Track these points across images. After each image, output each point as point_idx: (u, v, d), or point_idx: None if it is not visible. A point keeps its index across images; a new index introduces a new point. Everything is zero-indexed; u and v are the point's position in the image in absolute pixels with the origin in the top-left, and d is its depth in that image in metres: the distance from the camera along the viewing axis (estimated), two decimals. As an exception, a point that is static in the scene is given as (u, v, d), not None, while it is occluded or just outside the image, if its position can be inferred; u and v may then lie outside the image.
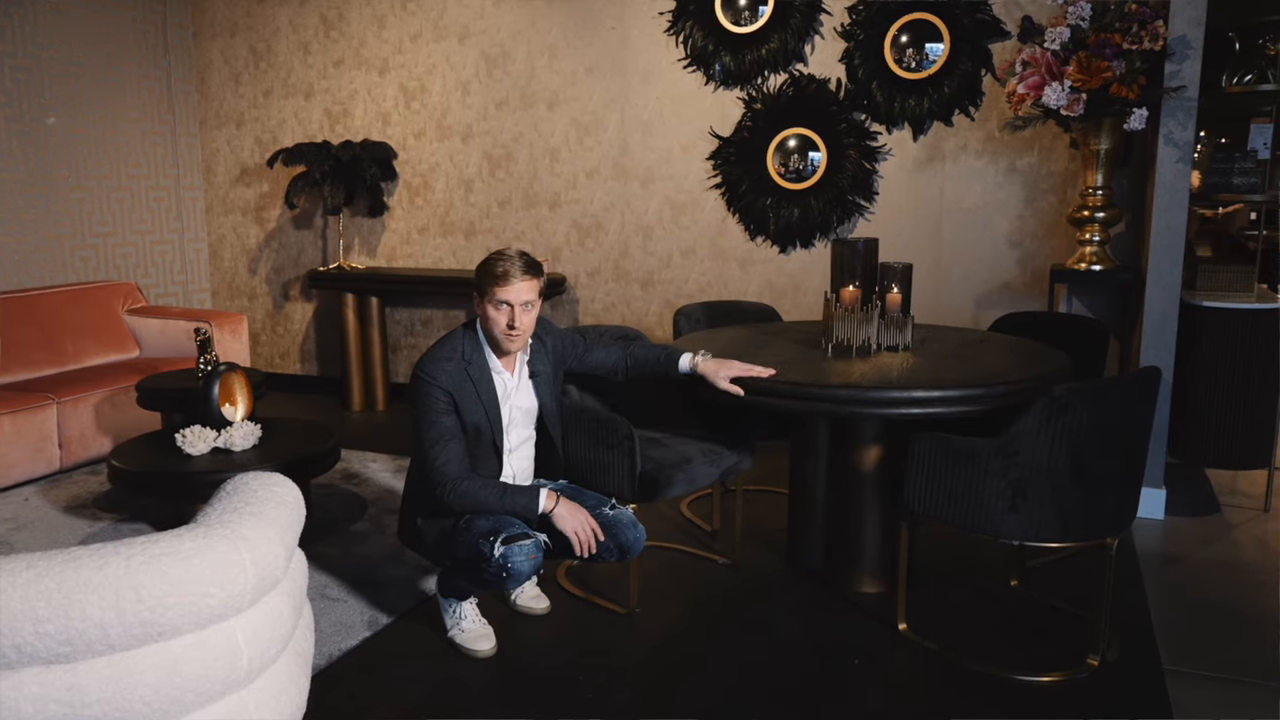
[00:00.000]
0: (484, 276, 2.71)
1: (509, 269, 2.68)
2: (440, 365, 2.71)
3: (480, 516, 2.68)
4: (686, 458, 3.08)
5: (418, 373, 2.72)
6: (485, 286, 2.70)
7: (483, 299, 2.72)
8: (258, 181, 6.18)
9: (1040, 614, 3.08)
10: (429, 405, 2.68)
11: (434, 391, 2.68)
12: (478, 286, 2.73)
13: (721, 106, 4.98)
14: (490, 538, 2.59)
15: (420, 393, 2.70)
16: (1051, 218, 4.47)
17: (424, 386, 2.69)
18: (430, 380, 2.69)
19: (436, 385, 2.69)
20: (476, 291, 2.74)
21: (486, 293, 2.70)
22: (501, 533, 2.59)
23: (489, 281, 2.69)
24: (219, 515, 1.74)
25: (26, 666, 1.52)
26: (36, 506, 4.10)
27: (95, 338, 5.23)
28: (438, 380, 2.69)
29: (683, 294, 5.20)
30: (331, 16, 5.80)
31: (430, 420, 2.68)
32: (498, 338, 2.74)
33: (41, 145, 5.35)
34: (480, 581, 2.68)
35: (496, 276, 2.68)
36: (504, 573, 2.56)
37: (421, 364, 2.73)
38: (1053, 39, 3.74)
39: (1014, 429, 2.55)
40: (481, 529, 2.64)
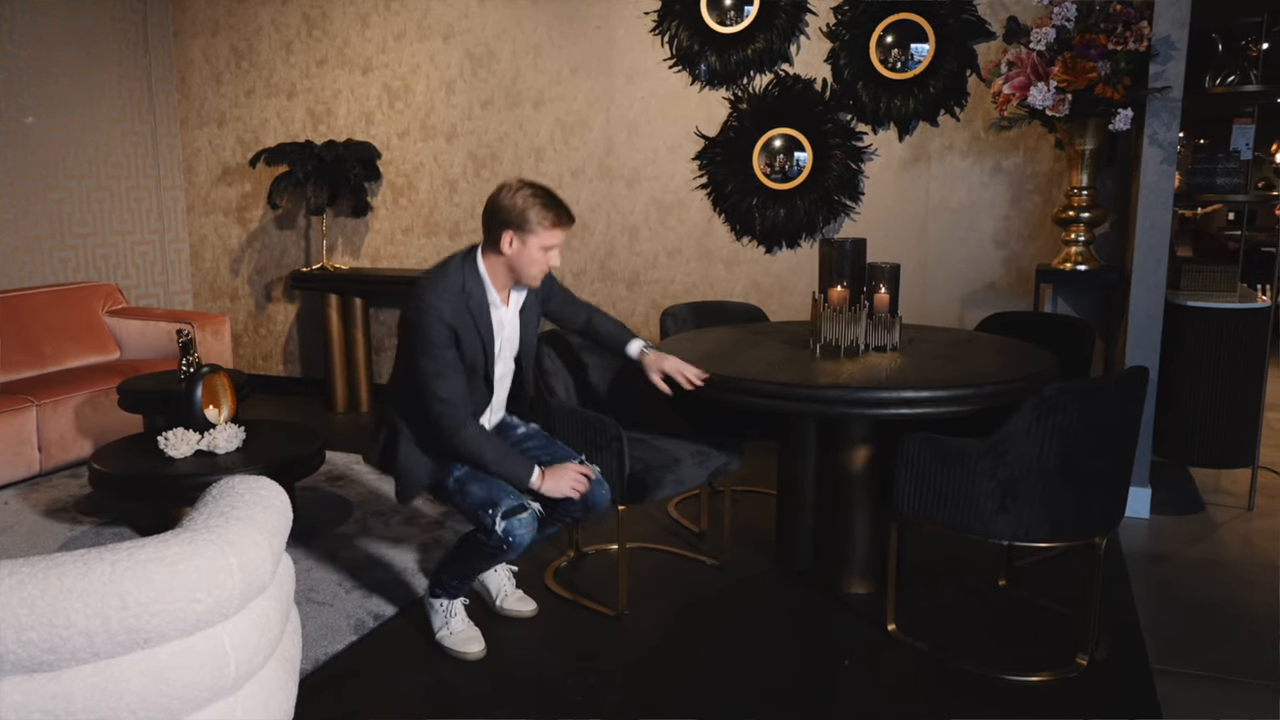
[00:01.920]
0: (536, 213, 2.61)
1: (566, 215, 2.66)
2: (443, 298, 2.62)
3: (474, 483, 2.66)
4: (675, 458, 3.07)
5: (420, 304, 2.61)
6: (534, 225, 2.61)
7: (527, 236, 2.62)
8: (240, 181, 6.13)
9: (1029, 613, 3.09)
10: (432, 338, 2.60)
11: (437, 324, 2.60)
12: (518, 222, 2.61)
13: (707, 106, 4.97)
14: (489, 510, 2.60)
15: (422, 325, 2.60)
16: (1037, 218, 4.49)
17: (426, 319, 2.60)
18: (435, 313, 2.60)
19: (440, 319, 2.60)
20: (513, 228, 2.62)
21: (534, 231, 2.62)
22: (500, 504, 2.61)
23: (543, 221, 2.62)
24: (205, 520, 1.71)
25: (9, 675, 1.49)
26: (16, 510, 4.04)
27: (75, 339, 5.17)
28: (442, 314, 2.61)
29: (669, 294, 5.19)
30: (314, 15, 5.75)
31: (434, 354, 2.60)
32: (531, 276, 2.69)
33: (20, 145, 5.29)
34: (480, 555, 2.70)
35: (555, 218, 2.63)
36: (505, 545, 2.61)
37: (424, 296, 2.61)
38: (1038, 39, 3.75)
39: (1004, 429, 2.55)
40: (477, 498, 2.64)
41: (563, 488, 2.68)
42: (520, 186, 2.65)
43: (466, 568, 2.81)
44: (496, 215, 2.65)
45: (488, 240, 2.70)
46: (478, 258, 2.72)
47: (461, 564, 2.80)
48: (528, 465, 2.68)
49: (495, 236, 2.66)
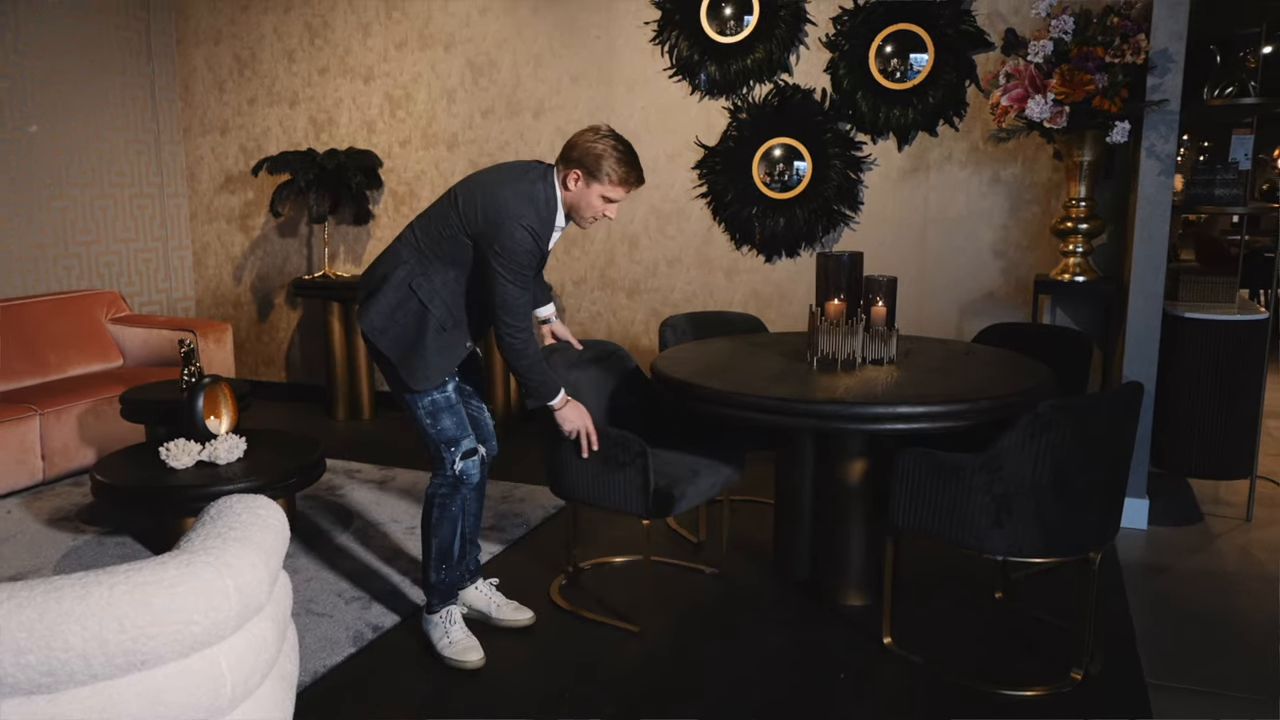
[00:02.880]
0: (609, 164, 2.65)
1: (638, 175, 2.71)
2: (537, 218, 2.66)
3: (447, 415, 2.81)
4: (694, 470, 3.08)
5: (520, 224, 2.61)
6: (604, 177, 2.66)
7: (593, 182, 2.67)
8: (242, 189, 6.15)
9: (1024, 626, 3.10)
10: (525, 259, 2.65)
11: (529, 244, 2.65)
12: (590, 168, 2.65)
13: (707, 116, 4.99)
14: (451, 448, 2.82)
15: (520, 247, 2.63)
16: (1035, 228, 4.50)
17: (526, 244, 2.63)
18: (533, 233, 2.64)
19: (534, 238, 2.65)
20: (584, 170, 2.66)
21: (603, 182, 2.66)
22: (461, 444, 2.82)
23: (613, 174, 2.66)
24: (202, 541, 1.73)
25: (8, 698, 1.51)
26: (19, 519, 4.07)
27: (78, 347, 5.20)
28: (537, 234, 2.66)
29: (669, 303, 5.21)
30: (316, 24, 5.78)
31: (523, 272, 2.66)
32: (583, 218, 2.76)
33: (24, 154, 5.32)
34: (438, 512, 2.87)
35: (624, 175, 2.68)
36: (459, 483, 2.86)
37: (524, 218, 2.62)
38: (1035, 52, 3.76)
39: (998, 445, 2.56)
40: (447, 433, 2.82)
41: (575, 424, 2.86)
42: (606, 134, 2.69)
43: (438, 544, 2.88)
44: (573, 152, 2.69)
45: (560, 163, 2.72)
46: (555, 181, 2.73)
47: (434, 547, 2.88)
48: (557, 387, 2.83)
49: (567, 171, 2.70)
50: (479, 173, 2.81)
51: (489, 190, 2.69)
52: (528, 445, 5.07)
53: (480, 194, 2.69)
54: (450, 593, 2.94)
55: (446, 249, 2.74)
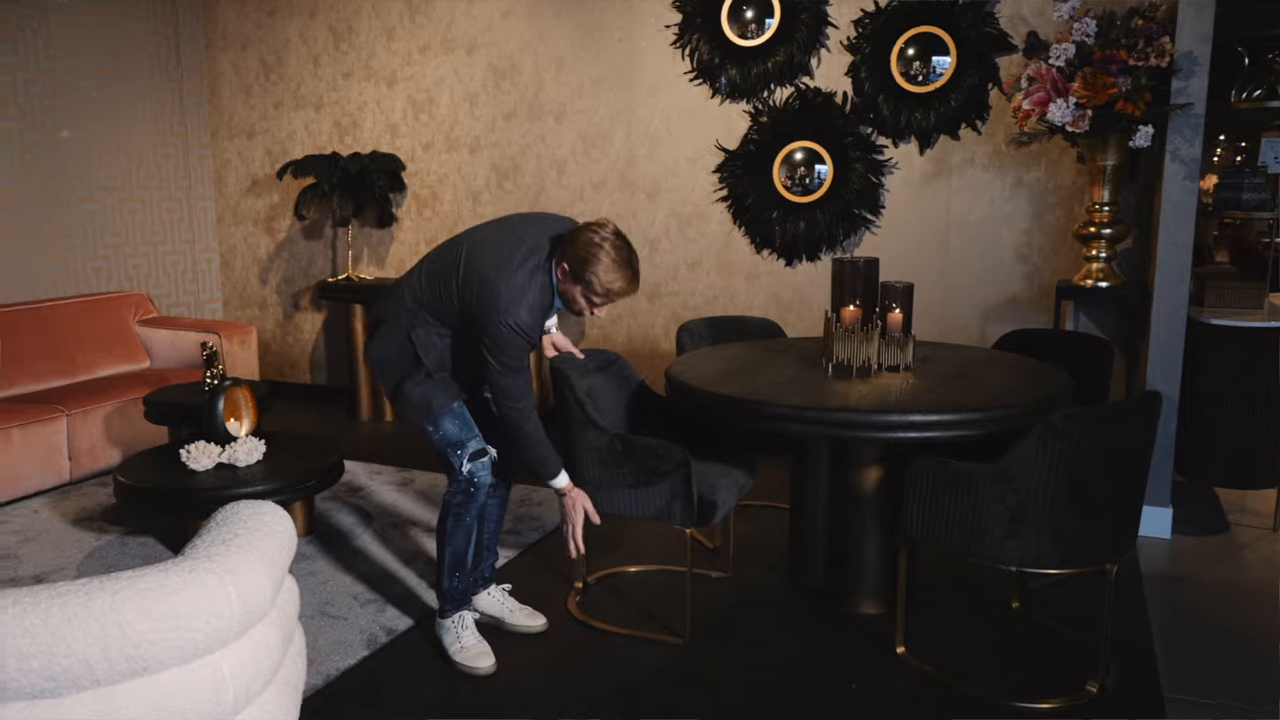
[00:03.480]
0: (593, 276, 2.61)
1: (627, 283, 2.66)
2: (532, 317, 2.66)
3: (449, 420, 2.83)
4: (727, 475, 3.07)
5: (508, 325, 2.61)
6: (593, 284, 2.62)
7: (577, 284, 2.65)
8: (268, 192, 6.22)
9: (1041, 637, 3.06)
10: (511, 350, 2.65)
11: (517, 340, 2.65)
12: (577, 270, 2.61)
13: (728, 119, 4.98)
14: (458, 450, 2.84)
15: (509, 345, 2.64)
16: (1058, 232, 4.44)
17: (515, 341, 2.64)
18: (523, 332, 2.64)
19: (527, 336, 2.66)
20: (571, 270, 2.63)
21: (588, 287, 2.63)
22: (468, 446, 2.84)
23: (602, 284, 2.62)
24: (206, 548, 1.75)
25: (12, 702, 1.53)
26: (45, 519, 4.14)
27: (106, 349, 5.28)
28: (531, 339, 2.69)
29: (689, 306, 5.20)
30: (341, 29, 5.83)
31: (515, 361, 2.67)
32: (570, 309, 2.75)
33: (54, 157, 5.41)
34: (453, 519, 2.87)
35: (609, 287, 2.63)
36: (470, 486, 2.86)
37: (512, 317, 2.62)
38: (1057, 55, 3.71)
39: (1010, 455, 2.53)
40: (451, 436, 2.84)
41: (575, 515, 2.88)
42: (608, 238, 2.63)
43: (452, 552, 2.90)
44: (570, 245, 2.65)
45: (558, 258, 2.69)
46: (553, 271, 2.71)
47: (447, 554, 2.90)
48: (558, 467, 2.84)
49: (559, 262, 2.68)
50: (488, 237, 2.78)
51: (486, 279, 2.66)
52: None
53: (477, 280, 2.68)
54: (463, 598, 2.95)
55: (444, 311, 2.80)
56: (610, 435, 2.93)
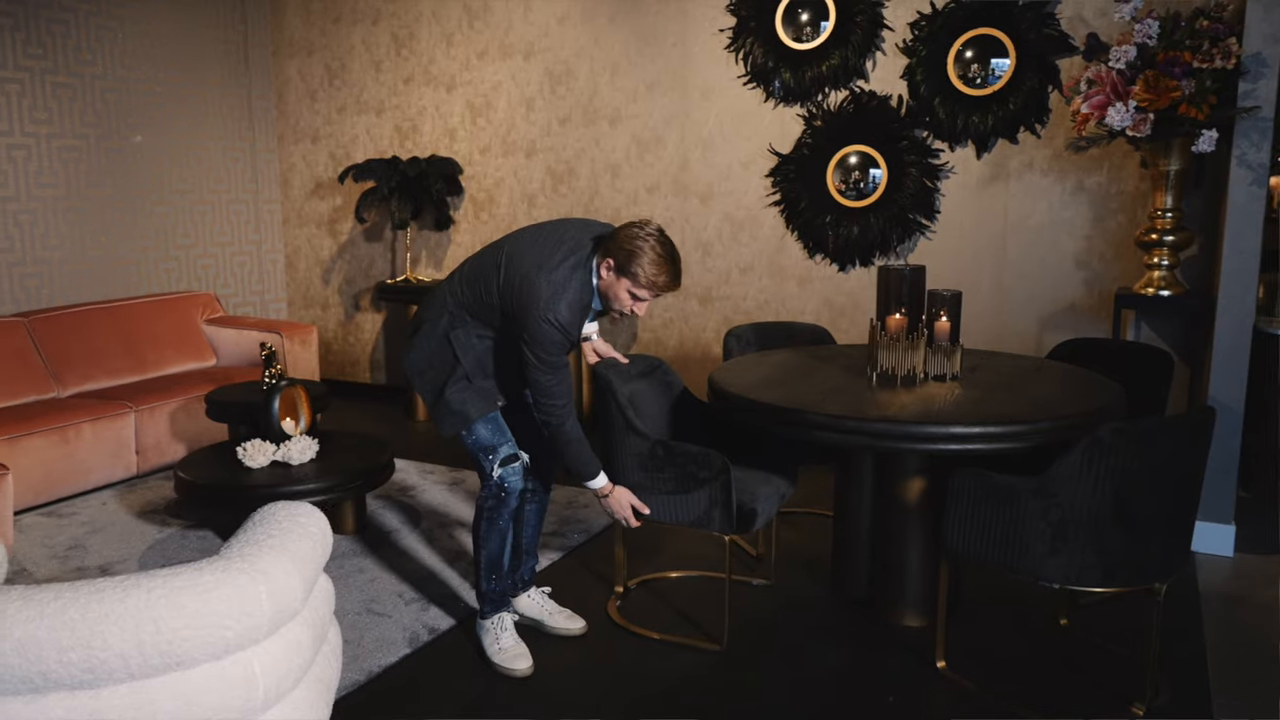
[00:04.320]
0: (637, 269, 2.61)
1: (670, 280, 2.66)
2: (571, 314, 2.68)
3: (483, 425, 2.86)
4: (767, 482, 3.07)
5: (548, 320, 2.64)
6: (638, 276, 2.62)
7: (622, 278, 2.65)
8: (331, 195, 6.37)
9: (1089, 655, 2.98)
10: (549, 345, 2.67)
11: (556, 337, 2.67)
12: (621, 267, 2.63)
13: (781, 123, 4.95)
14: (490, 455, 2.88)
15: (548, 340, 2.66)
16: (1120, 238, 4.32)
17: (554, 337, 2.66)
18: (559, 327, 2.65)
19: (560, 331, 2.66)
20: (616, 262, 2.64)
21: (634, 280, 2.63)
22: (499, 451, 2.88)
23: (643, 277, 2.62)
24: (240, 548, 1.81)
25: (53, 691, 1.61)
26: (113, 510, 4.30)
27: (175, 347, 5.46)
28: (570, 336, 2.70)
29: (740, 310, 5.18)
30: (402, 35, 5.94)
31: (553, 358, 2.69)
32: (611, 308, 2.76)
33: (129, 162, 5.61)
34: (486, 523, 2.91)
35: (653, 281, 2.63)
36: (501, 490, 2.89)
37: (552, 313, 2.64)
38: (1117, 57, 3.62)
39: (1054, 469, 2.48)
40: (483, 441, 2.88)
41: (622, 511, 2.91)
42: (652, 232, 2.65)
43: (487, 555, 2.94)
44: (613, 241, 2.67)
45: (601, 256, 2.71)
46: (594, 269, 2.73)
47: (483, 557, 2.94)
48: (597, 469, 2.87)
49: (601, 259, 2.70)
50: (528, 239, 2.80)
51: (527, 276, 2.69)
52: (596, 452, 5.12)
53: (518, 277, 2.70)
54: (502, 600, 2.99)
55: (484, 312, 2.82)
56: (651, 441, 2.94)
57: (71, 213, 5.34)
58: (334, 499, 3.69)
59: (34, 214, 5.16)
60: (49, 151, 5.21)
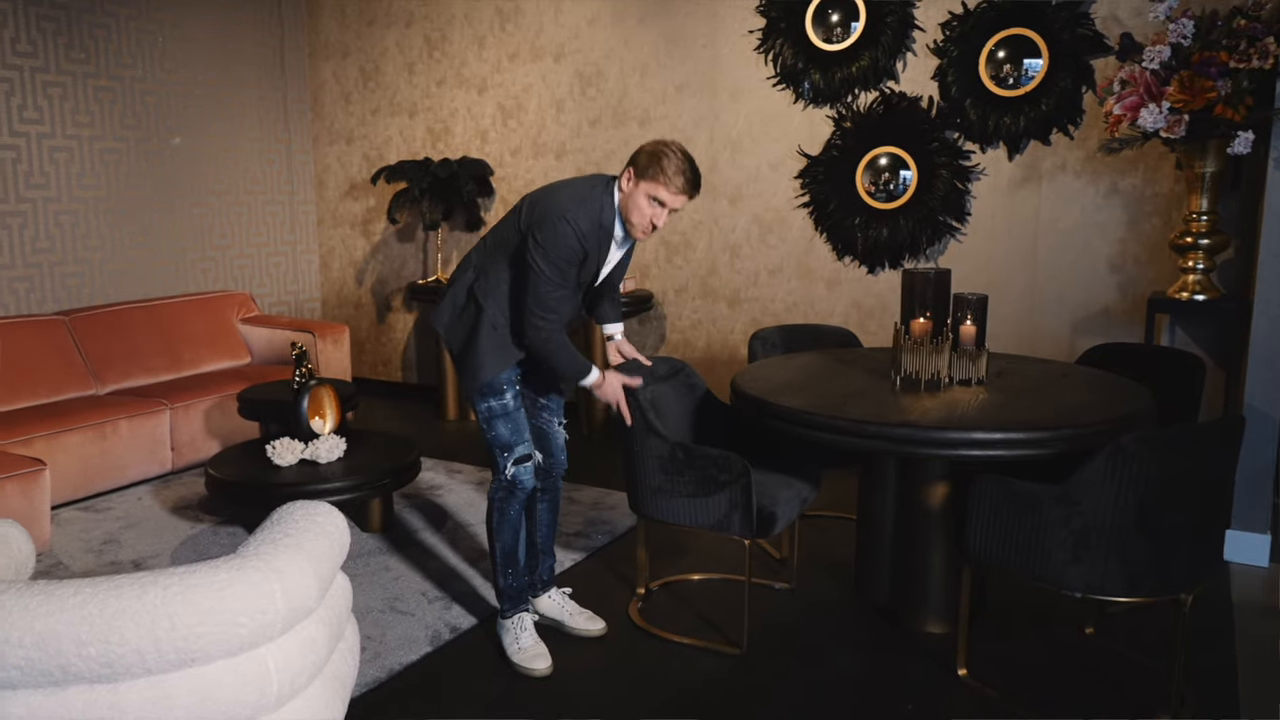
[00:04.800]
0: (658, 169, 2.65)
1: (688, 183, 2.68)
2: (587, 218, 2.70)
3: (501, 422, 2.89)
4: (789, 486, 3.07)
5: (562, 216, 2.66)
6: (653, 179, 2.66)
7: (640, 182, 2.68)
8: (365, 196, 6.44)
9: (1115, 665, 2.94)
10: (565, 255, 2.69)
11: (576, 242, 2.69)
12: (643, 169, 2.67)
13: (811, 124, 4.93)
14: (505, 453, 2.91)
15: (560, 235, 2.67)
16: (1156, 242, 4.25)
17: (565, 232, 2.67)
18: (576, 231, 2.68)
19: (579, 238, 2.69)
20: (635, 171, 2.69)
21: (650, 184, 2.66)
22: (515, 450, 2.90)
23: (661, 178, 2.65)
24: (256, 547, 1.84)
25: (72, 685, 1.64)
26: (147, 506, 4.38)
27: (210, 345, 5.55)
28: (585, 239, 2.71)
29: (769, 313, 5.16)
30: (435, 38, 5.99)
31: (560, 267, 2.70)
32: (632, 225, 2.76)
33: (167, 164, 5.71)
34: (499, 518, 2.95)
35: (671, 179, 2.65)
36: (513, 487, 2.93)
37: (570, 214, 2.67)
38: (1151, 58, 3.56)
39: (1077, 477, 2.45)
40: (501, 438, 2.90)
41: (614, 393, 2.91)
42: (670, 145, 2.70)
43: (502, 548, 2.97)
44: (639, 152, 2.73)
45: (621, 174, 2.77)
46: (615, 189, 2.77)
47: (498, 551, 2.97)
48: (588, 367, 2.86)
49: (624, 173, 2.75)
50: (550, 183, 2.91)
51: (549, 191, 2.81)
52: (622, 452, 5.14)
53: (542, 195, 2.81)
54: (520, 598, 3.01)
55: (505, 249, 2.84)
56: (671, 444, 2.94)
57: (111, 213, 5.45)
58: (360, 497, 3.73)
59: (75, 215, 5.28)
60: (90, 153, 5.33)
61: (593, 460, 4.88)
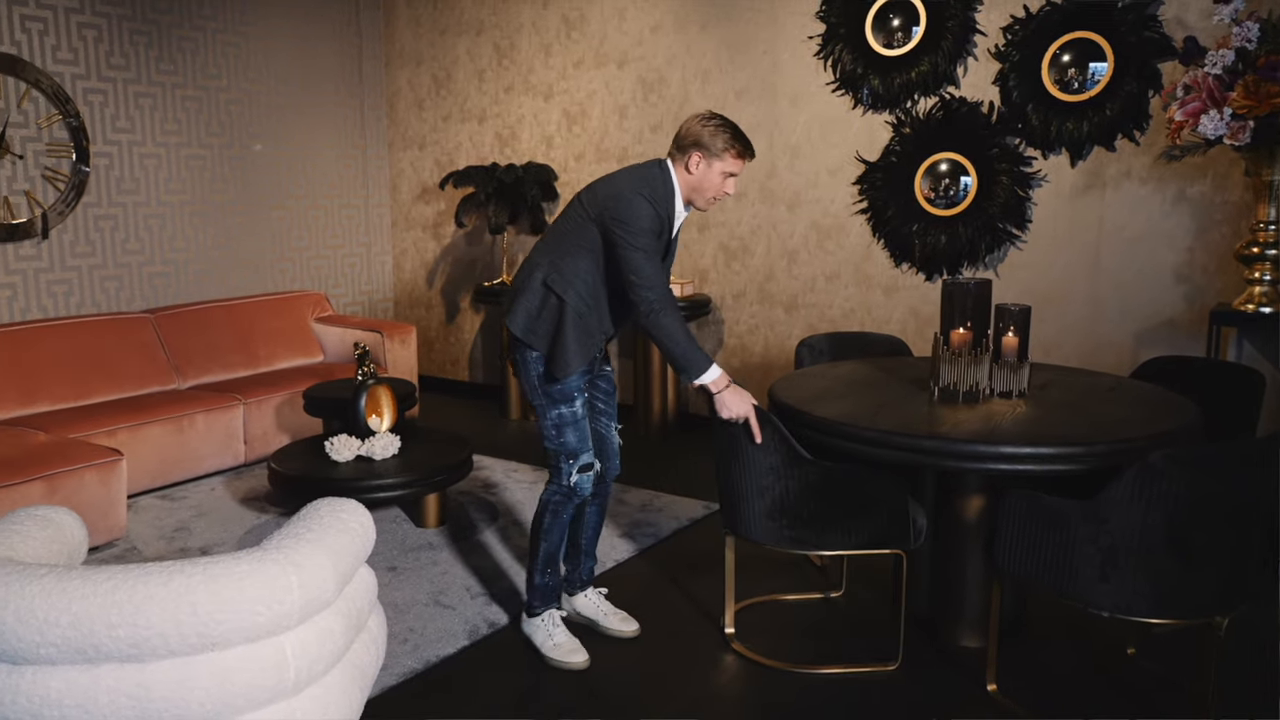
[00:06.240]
0: (725, 142, 2.79)
1: (749, 148, 2.84)
2: (653, 193, 2.81)
3: (571, 430, 2.94)
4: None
5: (631, 196, 2.77)
6: (723, 152, 2.80)
7: (713, 159, 2.80)
8: (436, 200, 6.62)
9: (1152, 688, 2.87)
10: (644, 225, 2.77)
11: (651, 215, 2.78)
12: (708, 146, 2.79)
13: (869, 130, 4.90)
14: (570, 460, 2.96)
15: (635, 213, 2.76)
16: (1224, 251, 4.11)
17: (640, 208, 2.77)
18: (649, 204, 2.78)
19: (656, 210, 2.79)
20: (702, 150, 2.80)
21: (722, 158, 2.80)
22: (579, 458, 2.95)
23: (731, 150, 2.80)
24: (279, 540, 1.95)
25: (104, 663, 1.77)
26: (219, 497, 4.60)
27: (285, 344, 5.79)
28: (658, 206, 2.80)
29: (825, 319, 5.15)
30: (504, 46, 6.13)
31: (644, 242, 2.77)
32: (705, 198, 2.88)
33: (249, 169, 5.98)
34: (550, 517, 3.02)
35: (740, 149, 2.81)
36: (572, 493, 3.00)
37: (640, 189, 2.79)
38: (1214, 62, 3.45)
39: (1106, 494, 2.40)
40: (569, 445, 2.95)
41: (738, 410, 2.79)
42: (711, 117, 2.83)
43: (546, 549, 3.04)
44: (687, 139, 2.83)
45: (674, 153, 2.87)
46: (670, 168, 2.88)
47: (541, 550, 3.05)
48: (708, 361, 2.81)
49: (685, 157, 2.84)
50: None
51: (607, 180, 2.92)
52: (681, 456, 5.19)
53: (600, 184, 2.90)
54: (551, 595, 3.09)
55: (574, 240, 2.89)
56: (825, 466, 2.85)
57: (196, 217, 5.73)
58: (411, 494, 3.86)
59: (162, 218, 5.57)
60: (177, 160, 5.61)
61: (649, 461, 4.95)
